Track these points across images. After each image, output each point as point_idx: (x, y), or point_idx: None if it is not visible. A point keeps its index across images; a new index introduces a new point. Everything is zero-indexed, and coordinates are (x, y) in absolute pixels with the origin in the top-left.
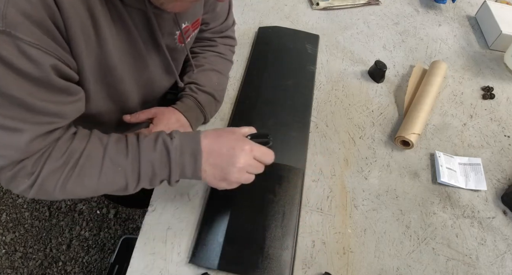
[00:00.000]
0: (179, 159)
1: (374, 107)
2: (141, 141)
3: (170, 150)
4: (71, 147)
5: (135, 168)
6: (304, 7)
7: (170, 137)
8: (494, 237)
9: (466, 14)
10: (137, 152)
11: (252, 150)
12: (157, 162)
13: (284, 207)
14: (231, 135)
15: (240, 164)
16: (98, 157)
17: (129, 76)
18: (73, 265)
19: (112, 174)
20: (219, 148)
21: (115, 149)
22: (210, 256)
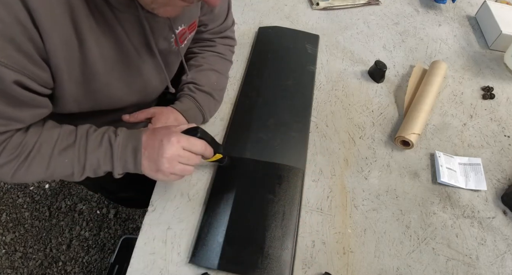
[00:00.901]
0: (121, 155)
1: (374, 107)
2: (90, 135)
3: (113, 146)
4: (24, 141)
5: (81, 161)
6: (304, 7)
7: (115, 135)
8: (494, 237)
9: (466, 14)
10: (84, 147)
11: (179, 141)
12: (101, 156)
13: (284, 207)
14: (164, 130)
15: (167, 154)
16: (48, 150)
17: (118, 82)
18: (73, 265)
19: (60, 165)
20: (152, 143)
21: (65, 142)
22: (210, 256)
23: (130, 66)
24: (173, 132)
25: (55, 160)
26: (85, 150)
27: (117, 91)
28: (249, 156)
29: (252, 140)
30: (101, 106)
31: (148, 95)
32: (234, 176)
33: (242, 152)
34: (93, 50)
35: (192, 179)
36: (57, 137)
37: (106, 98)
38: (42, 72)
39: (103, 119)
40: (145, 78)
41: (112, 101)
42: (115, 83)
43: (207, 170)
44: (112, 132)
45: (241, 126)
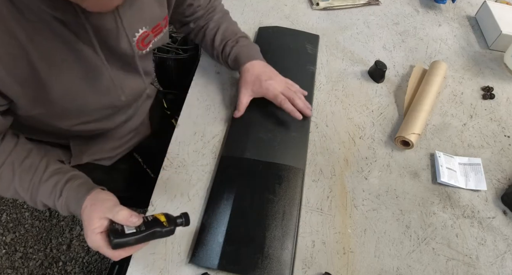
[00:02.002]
0: (65, 212)
1: (374, 107)
2: (41, 184)
3: (56, 205)
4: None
5: (32, 202)
6: (304, 7)
7: (60, 195)
8: (494, 237)
9: (466, 14)
10: (35, 194)
11: (90, 242)
12: (50, 205)
13: (284, 207)
14: (89, 218)
15: (86, 238)
16: (7, 184)
17: (78, 87)
18: (74, 265)
19: (17, 197)
20: (83, 224)
21: (19, 181)
22: (210, 256)
23: (87, 71)
24: (89, 234)
25: (12, 192)
26: (35, 197)
27: (79, 96)
28: (249, 156)
29: (252, 140)
30: (69, 111)
31: (120, 97)
32: (234, 176)
33: (242, 152)
34: (40, 61)
35: (192, 179)
36: (13, 172)
37: (69, 103)
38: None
39: (79, 119)
40: (108, 82)
41: (78, 105)
42: (74, 88)
43: (207, 170)
44: (59, 190)
45: (241, 126)
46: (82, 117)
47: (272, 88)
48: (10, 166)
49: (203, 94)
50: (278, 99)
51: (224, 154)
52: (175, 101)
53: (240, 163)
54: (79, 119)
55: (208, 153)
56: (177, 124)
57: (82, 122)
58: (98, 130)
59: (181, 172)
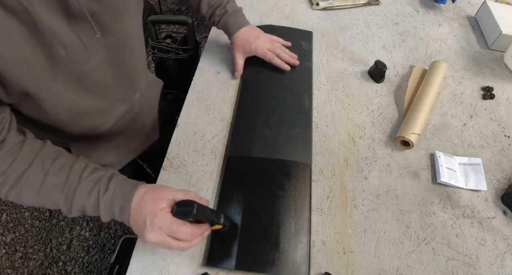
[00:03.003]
0: (108, 211)
1: (374, 107)
2: (81, 182)
3: (100, 202)
4: (14, 164)
5: (68, 204)
6: (304, 7)
7: (106, 189)
8: (494, 237)
9: (466, 14)
10: (71, 194)
11: (160, 227)
12: (88, 207)
13: (296, 202)
14: (150, 203)
15: (147, 239)
16: (37, 183)
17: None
18: (74, 265)
19: (48, 200)
20: (137, 217)
21: (54, 181)
22: (226, 257)
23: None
24: (159, 212)
25: (43, 196)
26: (72, 197)
27: (28, 64)
28: (255, 155)
29: (257, 138)
30: (32, 93)
31: (58, 50)
32: (243, 176)
33: (248, 151)
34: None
35: (192, 179)
36: (47, 171)
37: (22, 77)
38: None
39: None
40: (45, 33)
41: (31, 76)
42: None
43: (207, 170)
44: (105, 183)
45: (245, 126)
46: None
47: (260, 47)
48: (40, 167)
49: (203, 94)
50: (267, 56)
51: (230, 154)
52: (175, 101)
53: (247, 163)
54: (55, 106)
55: (208, 153)
56: (177, 124)
57: (68, 110)
58: (96, 127)
59: (181, 172)
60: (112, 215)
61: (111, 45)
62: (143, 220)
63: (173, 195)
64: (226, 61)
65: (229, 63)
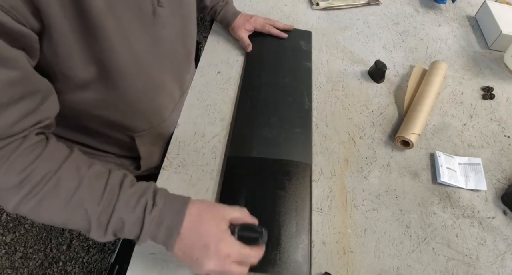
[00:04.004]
0: (152, 230)
1: (374, 107)
2: (123, 192)
3: (145, 218)
4: (37, 163)
5: (104, 219)
6: (304, 7)
7: (153, 203)
8: (494, 237)
9: (466, 14)
10: (112, 204)
11: (229, 256)
12: (129, 223)
13: (296, 202)
14: (213, 226)
15: (208, 268)
16: (68, 191)
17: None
18: (73, 265)
19: (77, 216)
20: (194, 241)
21: (90, 189)
22: None
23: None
24: (225, 239)
25: (72, 209)
26: (112, 210)
27: (133, 35)
28: (255, 155)
29: (257, 138)
30: (123, 63)
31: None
32: (243, 176)
33: (249, 151)
34: None
35: (192, 179)
36: (82, 176)
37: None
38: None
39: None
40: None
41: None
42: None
43: (207, 170)
44: (152, 198)
45: (245, 126)
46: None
47: (258, 22)
48: (74, 171)
49: (203, 94)
50: (265, 27)
51: (230, 154)
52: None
53: (247, 163)
54: (126, 80)
55: (208, 153)
56: (177, 124)
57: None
58: (161, 110)
59: (181, 172)
60: (154, 236)
61: (183, 17)
62: (203, 245)
63: (229, 213)
64: (226, 61)
65: (229, 63)
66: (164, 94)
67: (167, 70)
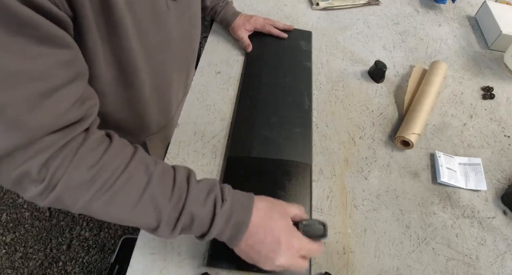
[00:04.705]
0: (222, 225)
1: (374, 107)
2: (191, 187)
3: (216, 213)
4: (105, 159)
5: (174, 215)
6: (304, 7)
7: (222, 198)
8: (494, 237)
9: (466, 14)
10: (183, 198)
11: (300, 249)
12: (199, 218)
13: (296, 202)
14: (282, 221)
15: (279, 262)
16: (139, 187)
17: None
18: (73, 265)
19: (147, 211)
20: (264, 235)
21: (159, 185)
22: (227, 257)
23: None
24: (295, 234)
25: (143, 205)
26: (183, 204)
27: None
28: (255, 155)
29: (257, 138)
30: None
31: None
32: (243, 176)
33: (248, 151)
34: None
35: None
36: (151, 172)
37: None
38: None
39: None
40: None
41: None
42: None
43: (207, 170)
44: (220, 193)
45: (245, 126)
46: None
47: (258, 22)
48: (142, 167)
49: (203, 94)
50: (265, 27)
51: (230, 154)
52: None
53: (247, 163)
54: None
55: (208, 153)
56: (177, 124)
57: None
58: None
59: None
60: (221, 232)
61: (190, 17)
62: (275, 240)
63: (290, 210)
64: (226, 61)
65: (229, 63)
66: (171, 94)
67: (175, 70)
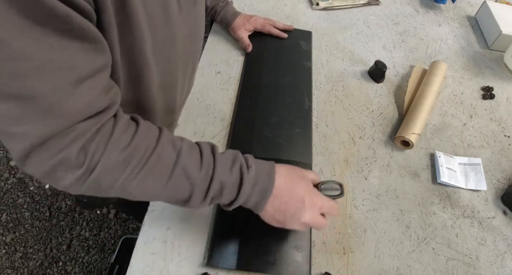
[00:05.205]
0: (249, 191)
1: (374, 107)
2: (217, 157)
3: (244, 179)
4: (136, 140)
5: (205, 184)
6: (304, 7)
7: (247, 165)
8: (494, 237)
9: (466, 14)
10: (211, 168)
11: (321, 206)
12: (228, 185)
13: None
14: (303, 183)
15: (304, 219)
16: (170, 162)
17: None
18: (73, 265)
19: (180, 184)
20: (289, 196)
21: (188, 157)
22: (227, 257)
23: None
24: (316, 194)
25: (176, 177)
26: (212, 172)
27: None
28: (255, 155)
29: (257, 138)
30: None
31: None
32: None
33: (248, 151)
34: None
35: None
36: (180, 148)
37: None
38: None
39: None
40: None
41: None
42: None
43: None
44: (244, 161)
45: (245, 125)
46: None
47: (258, 22)
48: (170, 145)
49: (203, 94)
50: (265, 27)
51: None
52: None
53: None
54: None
55: None
56: (177, 124)
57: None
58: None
59: None
60: (248, 198)
61: (195, 17)
62: (300, 199)
63: (308, 174)
64: (226, 61)
65: (229, 63)
66: (176, 93)
67: (180, 69)
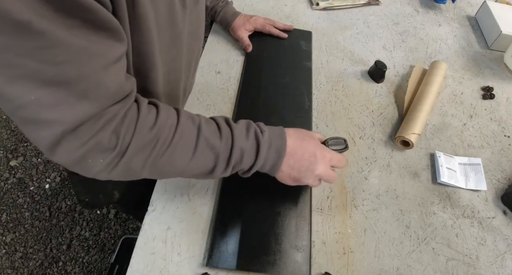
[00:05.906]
0: (266, 154)
1: (374, 107)
2: (233, 126)
3: (260, 142)
4: (160, 120)
5: (226, 152)
6: (304, 7)
7: (261, 130)
8: (494, 237)
9: (466, 14)
10: (230, 136)
11: (331, 159)
12: (247, 151)
13: (296, 203)
14: (312, 140)
15: (318, 171)
16: (192, 136)
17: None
18: (73, 265)
19: (205, 155)
20: (302, 153)
21: (207, 130)
22: (227, 257)
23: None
24: (325, 148)
25: (201, 149)
26: (232, 140)
27: None
28: None
29: None
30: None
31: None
32: (243, 177)
33: None
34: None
35: (192, 179)
36: (199, 122)
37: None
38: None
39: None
40: None
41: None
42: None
43: None
44: (257, 126)
45: None
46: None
47: (258, 22)
48: (190, 121)
49: (203, 94)
50: (265, 27)
51: None
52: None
53: None
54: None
55: None
56: None
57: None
58: None
59: None
60: (266, 160)
61: (197, 16)
62: (312, 154)
63: (315, 134)
64: (226, 61)
65: (229, 63)
66: (179, 92)
67: (183, 68)
